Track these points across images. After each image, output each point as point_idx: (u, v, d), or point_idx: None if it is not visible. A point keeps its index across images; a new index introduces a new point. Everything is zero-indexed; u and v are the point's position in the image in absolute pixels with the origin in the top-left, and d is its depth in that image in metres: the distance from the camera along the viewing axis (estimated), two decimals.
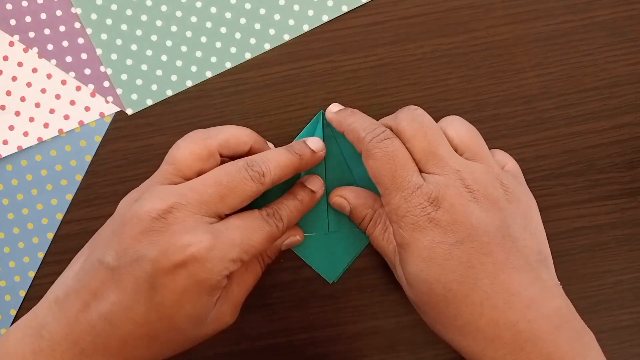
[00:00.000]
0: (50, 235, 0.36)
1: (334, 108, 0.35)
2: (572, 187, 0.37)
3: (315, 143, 0.33)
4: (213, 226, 0.29)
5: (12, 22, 0.36)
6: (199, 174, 0.30)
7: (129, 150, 0.36)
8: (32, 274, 0.36)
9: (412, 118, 0.31)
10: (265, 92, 0.36)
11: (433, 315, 0.30)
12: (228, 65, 0.36)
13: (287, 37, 0.36)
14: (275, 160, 0.31)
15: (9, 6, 0.36)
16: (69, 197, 0.36)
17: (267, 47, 0.36)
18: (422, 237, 0.29)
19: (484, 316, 0.28)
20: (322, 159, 0.33)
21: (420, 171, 0.30)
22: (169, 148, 0.36)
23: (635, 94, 0.37)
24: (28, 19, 0.36)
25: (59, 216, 0.36)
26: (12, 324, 0.36)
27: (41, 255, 0.36)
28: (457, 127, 0.32)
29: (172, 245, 0.27)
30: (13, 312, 0.36)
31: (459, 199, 0.29)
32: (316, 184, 0.34)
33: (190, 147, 0.30)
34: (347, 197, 0.34)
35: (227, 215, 0.30)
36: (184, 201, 0.28)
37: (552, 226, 0.37)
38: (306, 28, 0.36)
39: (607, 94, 0.36)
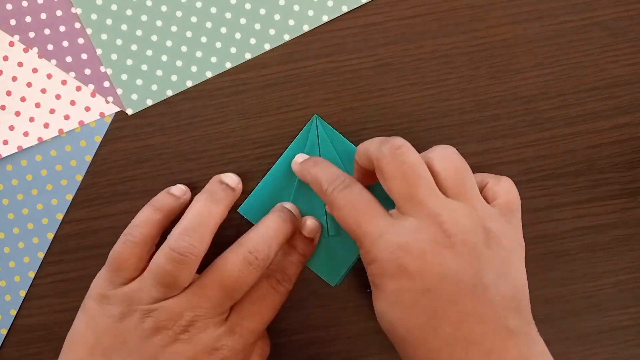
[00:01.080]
0: (50, 235, 0.36)
1: (299, 159, 0.35)
2: (572, 187, 0.37)
3: (293, 207, 0.35)
4: (230, 323, 0.31)
5: (12, 22, 0.36)
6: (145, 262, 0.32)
7: (129, 150, 0.36)
8: (32, 274, 0.36)
9: (392, 156, 0.29)
10: (265, 92, 0.36)
11: (396, 348, 0.30)
12: (228, 65, 0.36)
13: (287, 37, 0.36)
14: (274, 239, 0.32)
15: (9, 6, 0.36)
16: (69, 197, 0.36)
17: (267, 47, 0.36)
18: (390, 282, 0.28)
19: None
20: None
21: (399, 210, 0.29)
22: (169, 148, 0.36)
23: (635, 94, 0.37)
24: (28, 19, 0.36)
25: (59, 216, 0.36)
26: (11, 324, 0.36)
27: (41, 255, 0.36)
28: (444, 161, 0.30)
29: (198, 355, 0.30)
30: (13, 312, 0.36)
31: (431, 246, 0.28)
32: (313, 230, 0.35)
33: (131, 256, 0.32)
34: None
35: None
36: (200, 312, 0.30)
37: (552, 226, 0.37)
38: (306, 28, 0.36)
39: (607, 94, 0.36)
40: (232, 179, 0.34)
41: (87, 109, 0.36)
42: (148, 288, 0.30)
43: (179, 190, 0.34)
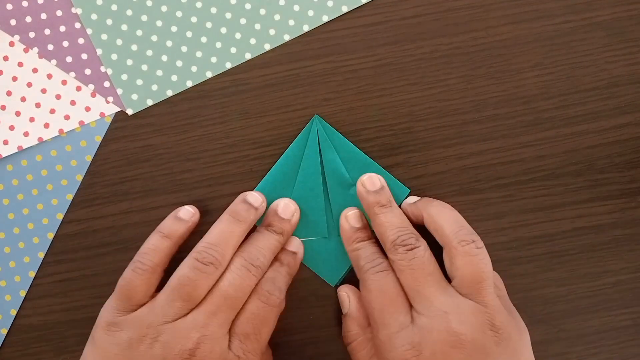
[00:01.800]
0: (50, 235, 0.36)
1: (351, 220, 0.35)
2: (572, 187, 0.37)
3: (286, 211, 0.35)
4: (234, 349, 0.31)
5: (13, 22, 0.36)
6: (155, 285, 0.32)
7: (129, 150, 0.36)
8: (32, 274, 0.36)
9: (403, 253, 0.31)
10: (266, 92, 0.36)
11: None
12: (228, 65, 0.36)
13: (287, 38, 0.36)
14: (267, 247, 0.33)
15: (9, 6, 0.36)
16: (70, 197, 0.36)
17: (267, 47, 0.36)
18: None
19: None
20: (297, 223, 0.35)
21: (412, 307, 0.31)
22: (169, 148, 0.36)
23: (635, 94, 0.37)
24: (28, 19, 0.36)
25: (60, 216, 0.36)
26: (12, 324, 0.36)
27: (41, 255, 0.36)
28: (470, 260, 0.31)
29: None
30: (13, 312, 0.36)
31: (441, 347, 0.29)
32: (294, 245, 0.35)
33: (141, 284, 0.32)
34: (351, 299, 0.35)
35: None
36: (206, 332, 0.30)
37: (552, 226, 0.37)
38: (306, 28, 0.36)
39: (607, 94, 0.36)
40: (255, 198, 0.34)
41: (87, 109, 0.36)
42: (162, 307, 0.31)
43: (187, 213, 0.34)
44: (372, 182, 0.34)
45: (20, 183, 0.36)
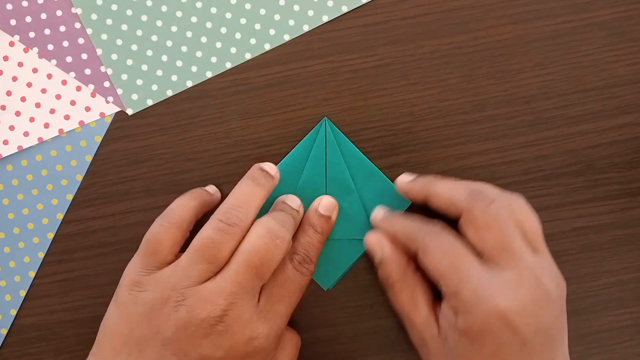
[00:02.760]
0: (50, 235, 0.36)
1: (379, 216, 0.35)
2: (572, 187, 0.37)
3: (296, 202, 0.34)
4: (262, 309, 0.31)
5: (13, 22, 0.36)
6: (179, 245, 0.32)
7: (129, 150, 0.36)
8: (32, 274, 0.36)
9: (486, 207, 0.30)
10: (266, 92, 0.36)
11: None
12: (228, 65, 0.36)
13: (287, 37, 0.36)
14: (290, 222, 0.32)
15: (9, 6, 0.36)
16: (70, 197, 0.36)
17: (267, 47, 0.36)
18: (490, 336, 0.29)
19: None
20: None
21: (491, 260, 0.30)
22: (169, 148, 0.36)
23: (635, 94, 0.37)
24: (28, 19, 0.36)
25: (60, 216, 0.36)
26: (12, 324, 0.36)
27: (41, 255, 0.36)
28: (529, 219, 0.31)
29: (235, 345, 0.30)
30: (13, 312, 0.36)
31: (531, 301, 0.29)
32: (329, 208, 0.35)
33: (167, 238, 0.32)
34: (384, 246, 0.33)
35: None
36: (233, 299, 0.30)
37: (552, 226, 0.37)
38: (306, 28, 0.36)
39: (607, 94, 0.36)
40: (270, 167, 0.34)
41: (87, 109, 0.36)
42: (185, 269, 0.30)
43: (212, 188, 0.35)
44: (407, 174, 0.35)
45: (20, 183, 0.36)
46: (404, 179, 0.34)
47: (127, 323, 0.30)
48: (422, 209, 0.34)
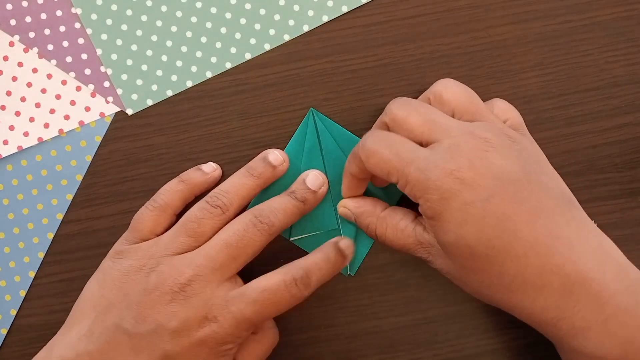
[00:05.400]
0: (50, 235, 0.36)
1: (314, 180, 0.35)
2: (572, 187, 0.36)
3: (314, 181, 0.34)
4: (230, 298, 0.30)
5: (12, 22, 0.36)
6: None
7: (129, 150, 0.36)
8: (32, 274, 0.36)
9: (400, 103, 0.31)
10: (265, 92, 0.36)
11: (478, 279, 0.29)
12: (228, 65, 0.36)
13: (287, 37, 0.36)
14: (282, 210, 0.32)
15: (9, 6, 0.36)
16: (69, 197, 0.36)
17: (267, 47, 0.36)
18: (452, 202, 0.28)
19: (529, 266, 0.27)
20: (324, 196, 0.35)
21: (427, 145, 0.30)
22: (169, 148, 0.36)
23: (635, 94, 0.37)
24: (28, 19, 0.36)
25: (59, 216, 0.36)
26: (12, 324, 0.36)
27: (41, 255, 0.36)
28: (452, 90, 0.31)
29: (189, 320, 0.29)
30: (13, 312, 0.36)
31: (475, 153, 0.28)
32: (348, 246, 0.32)
33: (149, 219, 0.33)
34: (349, 206, 0.34)
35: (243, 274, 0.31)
36: (200, 272, 0.30)
37: None
38: (306, 28, 0.36)
39: (607, 94, 0.36)
40: (276, 157, 0.35)
41: (87, 109, 0.36)
42: (166, 242, 0.32)
43: (209, 167, 0.36)
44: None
45: (20, 183, 0.36)
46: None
47: (100, 288, 0.31)
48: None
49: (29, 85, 0.36)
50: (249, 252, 0.31)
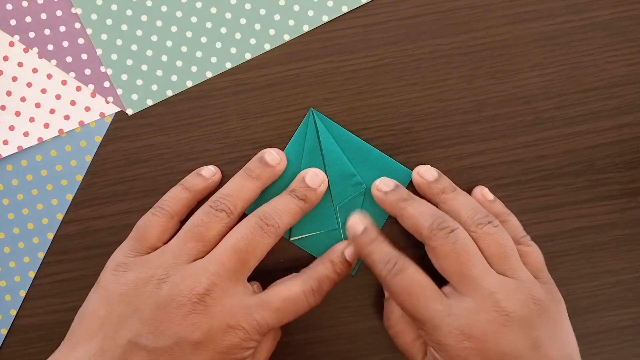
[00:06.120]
0: (50, 235, 0.36)
1: (357, 227, 0.33)
2: (572, 187, 0.37)
3: (314, 179, 0.34)
4: (249, 303, 0.30)
5: (12, 22, 0.36)
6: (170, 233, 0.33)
7: (129, 150, 0.36)
8: (32, 274, 0.36)
9: (445, 236, 0.31)
10: (265, 92, 0.36)
11: None
12: (228, 65, 0.36)
13: (287, 38, 0.36)
14: (286, 210, 0.33)
15: (9, 6, 0.36)
16: (69, 197, 0.36)
17: (267, 47, 0.36)
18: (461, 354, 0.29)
19: None
20: (323, 194, 0.35)
21: (453, 288, 0.31)
22: (169, 148, 0.36)
23: (635, 94, 0.37)
24: (28, 19, 0.36)
25: (59, 216, 0.36)
26: (11, 324, 0.36)
27: (41, 255, 0.36)
28: (497, 242, 0.31)
29: (213, 330, 0.29)
30: (13, 312, 0.36)
31: (491, 326, 0.29)
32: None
33: (157, 225, 0.33)
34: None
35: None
36: (216, 280, 0.30)
37: (552, 226, 0.37)
38: (306, 28, 0.36)
39: (607, 94, 0.36)
40: (272, 157, 0.35)
41: (87, 109, 0.36)
42: (173, 250, 0.31)
43: (209, 172, 0.35)
44: (385, 183, 0.34)
45: (20, 183, 0.36)
46: (380, 190, 0.34)
47: (106, 305, 0.30)
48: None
49: (29, 85, 0.36)
50: (258, 255, 0.31)
